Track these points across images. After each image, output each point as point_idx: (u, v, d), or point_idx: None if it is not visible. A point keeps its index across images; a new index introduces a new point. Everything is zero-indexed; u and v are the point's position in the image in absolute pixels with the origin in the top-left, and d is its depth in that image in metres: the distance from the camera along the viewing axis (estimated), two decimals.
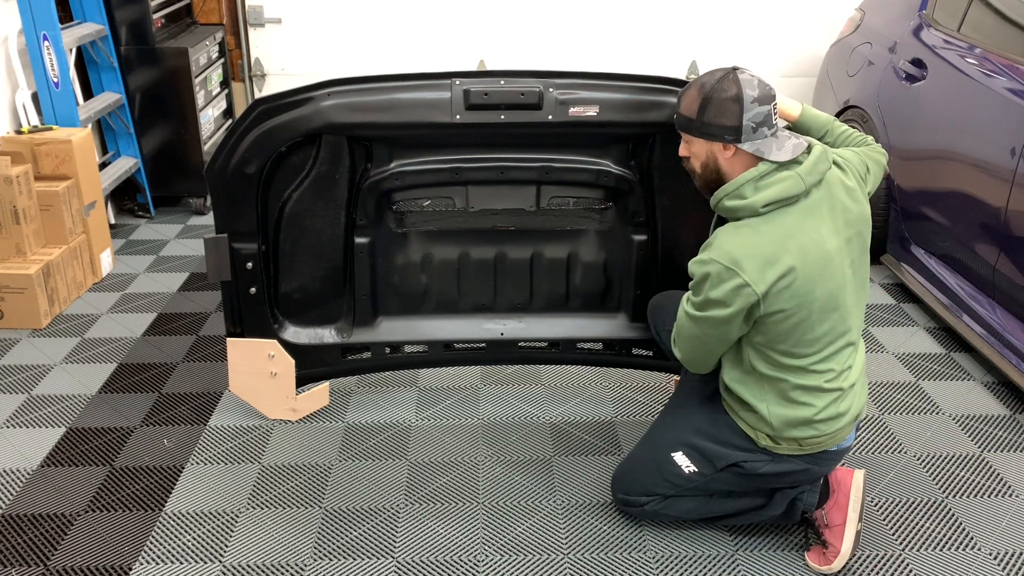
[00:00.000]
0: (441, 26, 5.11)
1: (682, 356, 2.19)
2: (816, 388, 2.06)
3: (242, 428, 2.77)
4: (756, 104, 1.96)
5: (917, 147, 3.52)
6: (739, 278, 1.92)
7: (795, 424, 2.07)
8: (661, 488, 2.26)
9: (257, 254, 2.56)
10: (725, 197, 2.03)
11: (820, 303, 1.98)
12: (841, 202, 2.03)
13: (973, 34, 3.40)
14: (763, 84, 1.99)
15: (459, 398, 2.96)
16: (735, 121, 1.97)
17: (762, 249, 1.94)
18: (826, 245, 1.98)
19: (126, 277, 3.83)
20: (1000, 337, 2.99)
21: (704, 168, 2.08)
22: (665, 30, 5.17)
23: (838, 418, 2.09)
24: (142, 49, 4.22)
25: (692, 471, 2.21)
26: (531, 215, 2.67)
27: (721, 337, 2.05)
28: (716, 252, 1.97)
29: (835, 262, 1.99)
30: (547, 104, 2.39)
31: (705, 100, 1.99)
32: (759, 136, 1.98)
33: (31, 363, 3.12)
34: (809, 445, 2.11)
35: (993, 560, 2.28)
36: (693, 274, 2.03)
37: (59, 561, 2.22)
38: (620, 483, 2.36)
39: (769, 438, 2.12)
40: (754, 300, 1.94)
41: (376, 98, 2.39)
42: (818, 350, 2.03)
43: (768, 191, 1.96)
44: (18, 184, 3.27)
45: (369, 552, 2.27)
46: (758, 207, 1.97)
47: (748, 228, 1.98)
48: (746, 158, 2.01)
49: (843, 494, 2.20)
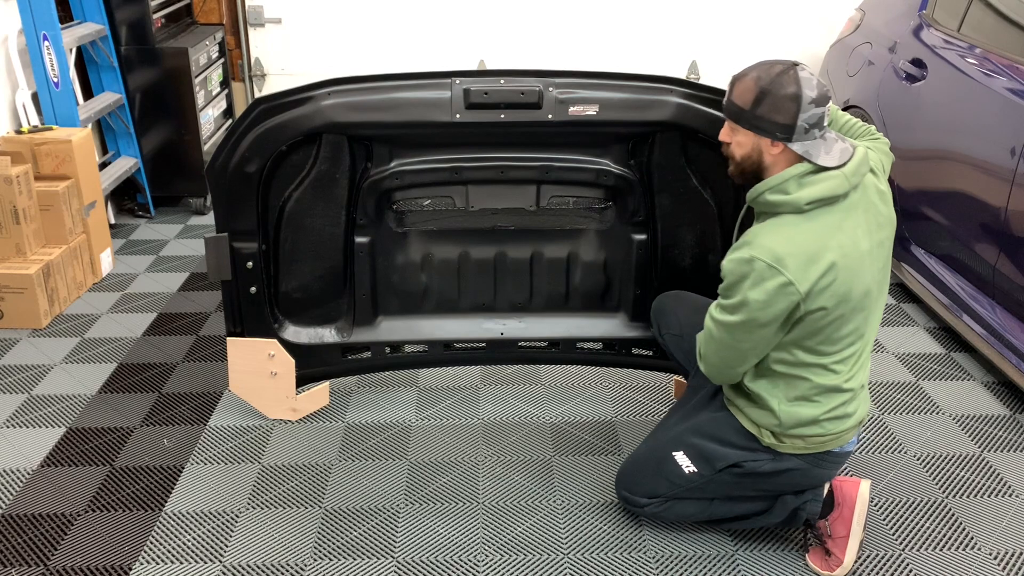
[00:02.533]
0: (441, 26, 5.12)
1: (709, 369, 2.11)
2: (832, 388, 2.03)
3: (242, 428, 2.77)
4: (813, 105, 1.90)
5: (917, 147, 3.51)
6: (782, 276, 1.87)
7: (804, 422, 2.05)
8: (662, 488, 2.24)
9: (257, 253, 2.56)
10: (768, 191, 1.97)
11: (854, 303, 1.95)
12: (874, 205, 2.01)
13: (973, 34, 3.40)
14: (821, 85, 1.92)
15: (459, 398, 2.96)
16: (789, 120, 1.91)
17: (805, 247, 1.89)
18: (861, 246, 1.95)
19: (126, 277, 3.83)
20: (1000, 337, 2.99)
21: (745, 159, 2.02)
22: (665, 30, 5.17)
23: (845, 419, 2.07)
24: (142, 49, 4.22)
25: (692, 471, 2.19)
26: (531, 214, 2.67)
27: (758, 343, 1.98)
28: (757, 249, 1.91)
29: (867, 263, 1.96)
30: (547, 103, 2.39)
31: (762, 93, 1.92)
32: (810, 137, 1.93)
33: (31, 363, 3.12)
34: (814, 444, 2.09)
35: (993, 560, 2.28)
36: (729, 273, 1.95)
37: (59, 561, 2.22)
38: (623, 481, 2.34)
39: (773, 435, 2.10)
40: (797, 300, 1.89)
41: (376, 97, 2.39)
42: (839, 349, 2.00)
43: (813, 188, 1.92)
44: (18, 184, 3.27)
45: (369, 552, 2.27)
46: (802, 204, 1.92)
47: (789, 226, 1.93)
48: (791, 156, 1.97)
49: (848, 507, 2.17)
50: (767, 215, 2.00)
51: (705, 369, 2.12)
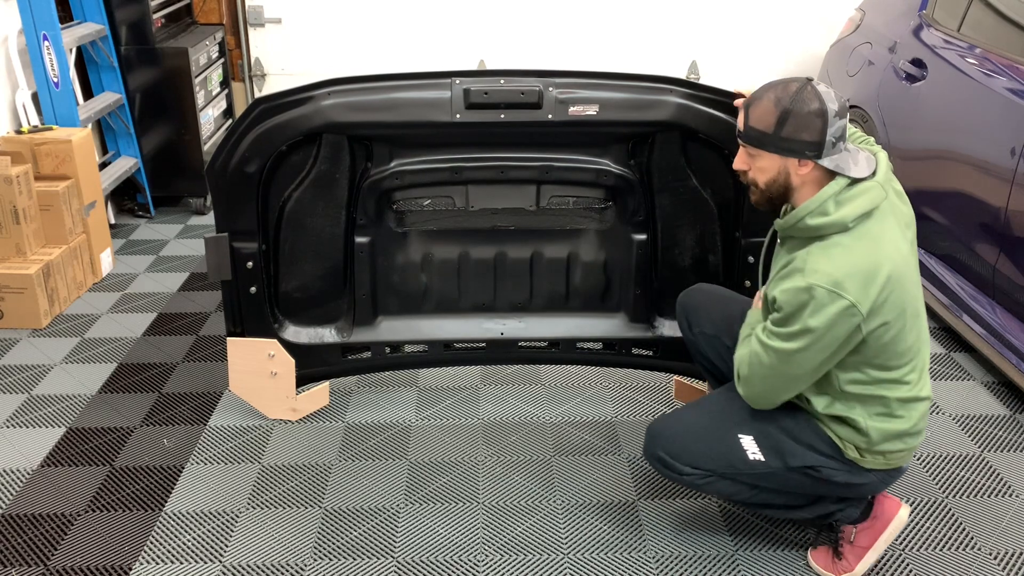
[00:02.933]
0: (441, 26, 5.12)
1: (750, 392, 2.02)
2: (911, 399, 1.97)
3: (242, 428, 2.77)
4: (837, 118, 1.86)
5: (917, 147, 3.51)
6: (844, 300, 1.81)
7: (891, 437, 1.98)
8: (713, 464, 2.08)
9: (257, 253, 2.56)
10: (808, 216, 1.90)
11: (911, 310, 1.91)
12: (897, 207, 1.97)
13: (973, 34, 3.40)
14: (839, 96, 1.88)
15: (459, 398, 2.96)
16: (818, 136, 1.85)
17: (860, 266, 1.83)
18: (902, 250, 1.91)
19: (126, 277, 3.83)
20: (1000, 337, 2.99)
21: (771, 183, 1.96)
22: (665, 30, 5.17)
23: (922, 433, 2.03)
24: (142, 49, 4.23)
25: (757, 459, 2.05)
26: (531, 214, 2.67)
27: (810, 370, 1.92)
28: (813, 276, 1.84)
29: (909, 266, 1.93)
30: (547, 103, 2.39)
31: (785, 113, 1.87)
32: (838, 151, 1.89)
33: (31, 363, 3.12)
34: (894, 459, 2.03)
35: (993, 560, 2.27)
36: (785, 304, 1.88)
37: (59, 561, 2.22)
38: (665, 443, 2.13)
39: (858, 450, 2.01)
40: (859, 321, 1.83)
41: (376, 97, 2.39)
42: (909, 359, 1.95)
43: (854, 204, 1.87)
44: (18, 184, 3.27)
45: (369, 552, 2.27)
46: (847, 222, 1.86)
47: (839, 246, 1.87)
48: (820, 174, 1.91)
49: (882, 523, 2.14)
50: (809, 239, 1.93)
51: (745, 392, 2.03)
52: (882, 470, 2.05)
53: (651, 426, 2.19)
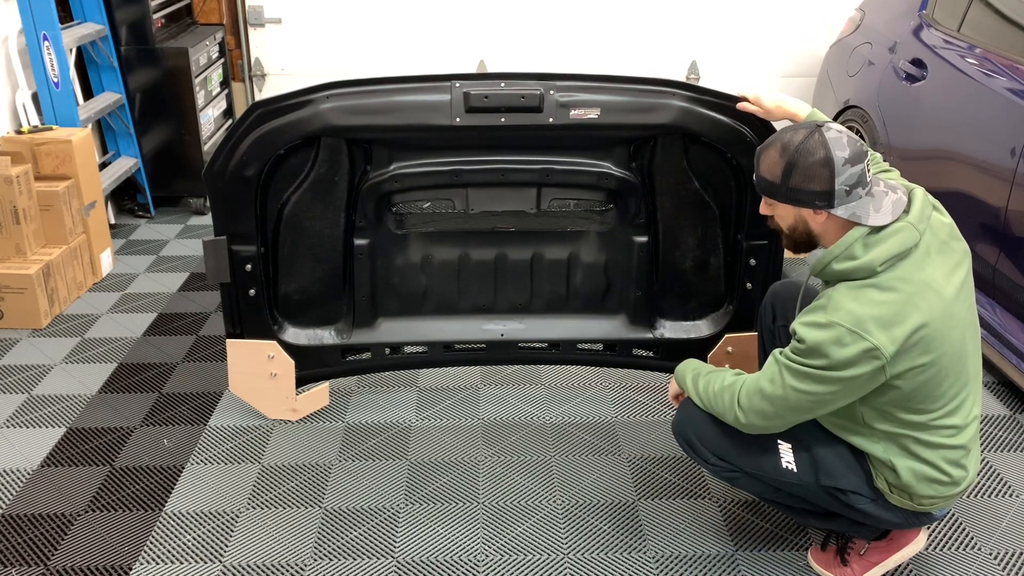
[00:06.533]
0: (441, 26, 5.11)
1: (751, 420, 1.94)
2: (939, 445, 1.90)
3: (242, 428, 2.77)
4: (848, 165, 1.78)
5: (917, 147, 3.51)
6: (866, 341, 1.75)
7: (921, 479, 1.91)
8: (741, 461, 2.03)
9: (256, 256, 2.56)
10: (834, 261, 1.84)
11: (950, 356, 1.83)
12: (946, 244, 1.88)
13: (973, 34, 3.40)
14: (852, 141, 1.80)
15: (459, 398, 2.96)
16: (826, 186, 1.79)
17: (887, 309, 1.76)
18: (945, 293, 1.81)
19: (126, 277, 3.83)
20: (1000, 337, 2.99)
21: (792, 230, 1.93)
22: (665, 30, 5.16)
23: (959, 484, 1.94)
24: (142, 49, 4.23)
25: (790, 468, 2.00)
26: (532, 217, 2.66)
27: (825, 404, 1.87)
28: (836, 315, 1.78)
29: (955, 308, 1.84)
30: (548, 107, 2.38)
31: (790, 165, 1.81)
32: (853, 199, 1.80)
33: (31, 363, 3.12)
34: (923, 504, 1.96)
35: (993, 560, 2.28)
36: (805, 339, 1.81)
37: (59, 561, 2.22)
38: (696, 427, 2.07)
39: (888, 484, 1.96)
40: (882, 363, 1.76)
41: (375, 100, 2.38)
42: (943, 404, 1.87)
43: (882, 247, 1.79)
44: (18, 184, 3.27)
45: (369, 552, 2.28)
46: (875, 266, 1.79)
47: (868, 288, 1.79)
48: (840, 220, 1.84)
49: (898, 545, 2.12)
50: (839, 280, 1.87)
51: (747, 419, 1.94)
52: (908, 511, 1.99)
53: (685, 404, 2.12)
